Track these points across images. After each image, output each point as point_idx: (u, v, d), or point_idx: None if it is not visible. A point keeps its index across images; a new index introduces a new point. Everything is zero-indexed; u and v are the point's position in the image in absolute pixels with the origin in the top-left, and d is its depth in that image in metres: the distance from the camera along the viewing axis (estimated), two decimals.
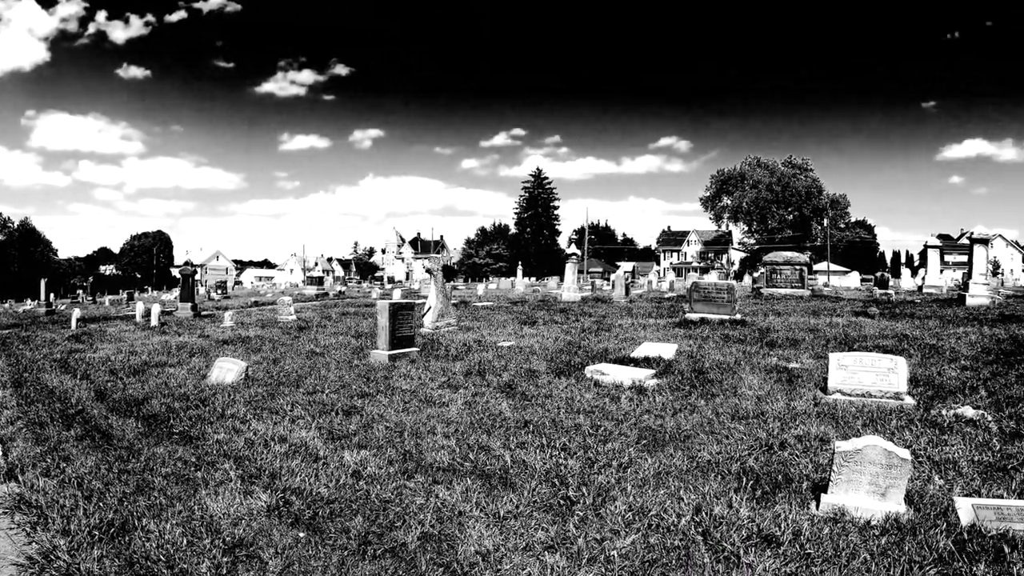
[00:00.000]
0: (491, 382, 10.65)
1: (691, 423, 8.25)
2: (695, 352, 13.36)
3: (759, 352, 13.41)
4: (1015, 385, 10.18)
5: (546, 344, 14.79)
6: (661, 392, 9.80)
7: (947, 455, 6.87)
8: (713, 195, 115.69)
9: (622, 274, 37.08)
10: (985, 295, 27.59)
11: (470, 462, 6.80)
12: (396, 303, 13.61)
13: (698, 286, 20.94)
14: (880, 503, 5.36)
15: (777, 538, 4.94)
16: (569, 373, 11.29)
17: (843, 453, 5.44)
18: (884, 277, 39.48)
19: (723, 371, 11.25)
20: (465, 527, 5.24)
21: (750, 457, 6.90)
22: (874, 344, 14.05)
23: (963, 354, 12.98)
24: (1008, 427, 7.98)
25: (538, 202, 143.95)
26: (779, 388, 10.00)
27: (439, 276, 18.41)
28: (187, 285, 29.97)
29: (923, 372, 11.05)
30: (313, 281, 57.99)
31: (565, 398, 9.52)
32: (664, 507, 5.54)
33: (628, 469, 6.61)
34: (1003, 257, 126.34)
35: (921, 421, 8.13)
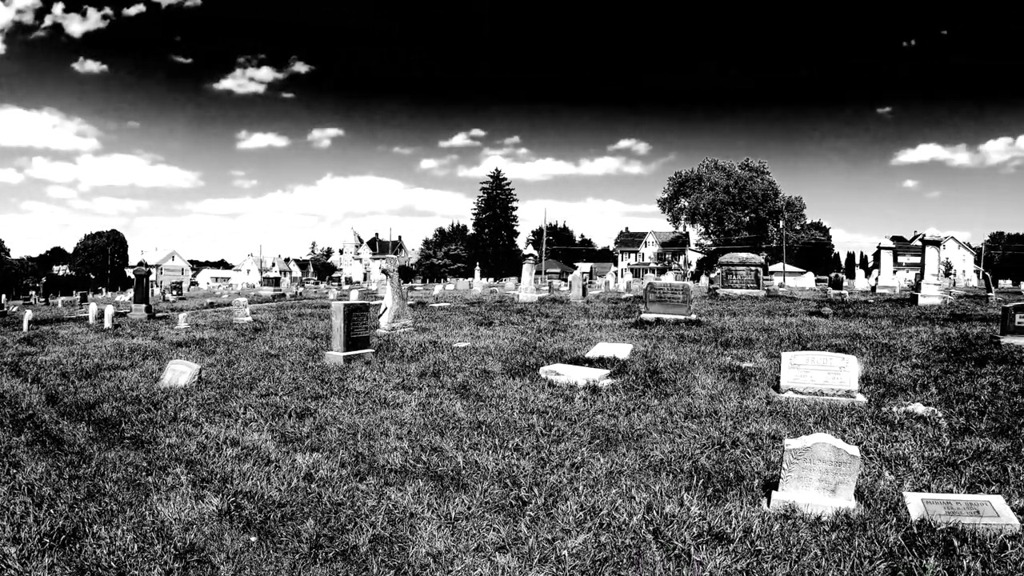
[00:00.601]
0: (446, 383, 10.62)
1: (644, 422, 8.30)
2: (650, 352, 13.45)
3: (713, 352, 13.55)
4: (965, 382, 10.42)
5: (502, 345, 14.79)
6: (615, 392, 9.86)
7: (897, 451, 7.00)
8: (671, 197, 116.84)
9: (579, 275, 37.15)
10: (936, 295, 28.20)
11: (423, 463, 6.78)
12: (350, 304, 13.49)
13: (653, 287, 21.11)
14: (830, 499, 5.43)
15: (728, 535, 4.99)
16: (524, 374, 11.29)
17: (793, 451, 5.50)
18: (838, 278, 40.15)
19: (677, 371, 11.34)
20: (417, 529, 5.23)
21: (702, 455, 6.96)
22: (827, 343, 14.28)
23: (914, 352, 13.25)
24: (958, 423, 8.18)
25: (496, 203, 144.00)
26: (732, 387, 10.11)
27: (395, 277, 18.29)
28: (141, 286, 29.43)
29: (875, 370, 11.25)
30: (270, 282, 57.17)
31: (519, 399, 9.52)
32: (616, 506, 5.57)
33: (581, 469, 6.63)
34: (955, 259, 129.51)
35: (872, 418, 8.29)
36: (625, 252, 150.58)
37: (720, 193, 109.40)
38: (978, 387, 10.05)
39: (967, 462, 6.75)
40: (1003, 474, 6.44)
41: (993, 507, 5.43)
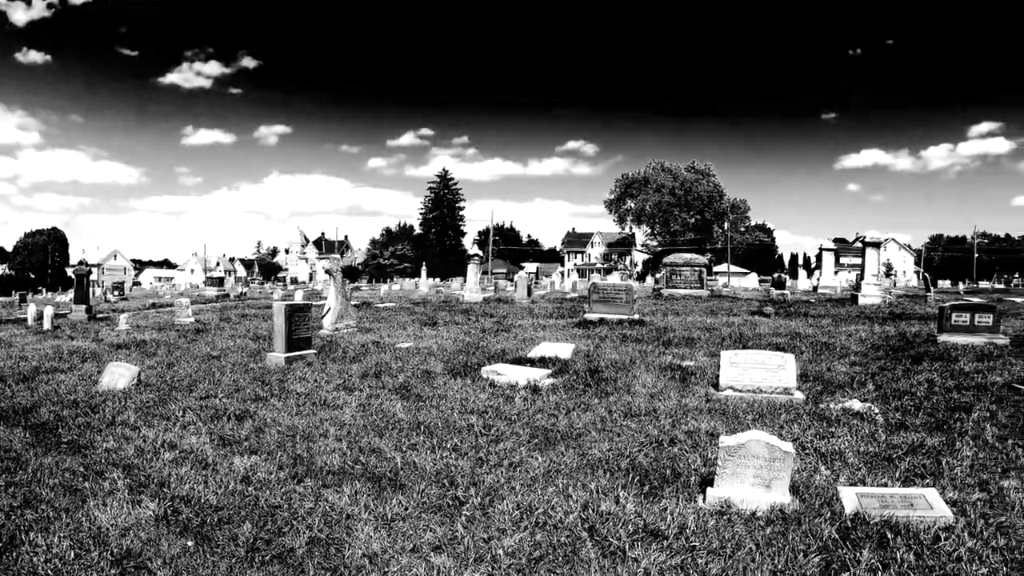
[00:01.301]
0: (387, 384, 10.55)
1: (584, 421, 8.33)
2: (592, 352, 13.50)
3: (655, 351, 13.66)
4: (901, 379, 10.67)
5: (445, 345, 14.74)
6: (556, 391, 9.89)
7: (834, 447, 7.13)
8: (617, 198, 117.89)
9: (524, 275, 37.16)
10: (876, 295, 28.86)
11: (361, 465, 6.74)
12: (292, 304, 13.30)
13: (597, 287, 21.20)
14: (765, 495, 5.48)
15: (663, 532, 5.03)
16: (466, 374, 11.27)
17: (727, 448, 5.56)
18: (781, 278, 40.83)
19: (618, 370, 11.39)
20: (353, 530, 5.19)
21: (640, 454, 7.01)
22: (768, 342, 14.49)
23: (853, 350, 13.52)
24: (894, 419, 8.38)
25: (444, 203, 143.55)
26: (673, 386, 10.20)
27: (338, 277, 18.11)
28: (82, 286, 28.57)
29: (814, 368, 11.45)
30: (214, 282, 56.14)
31: (460, 399, 9.52)
32: (552, 505, 5.59)
33: (519, 468, 6.64)
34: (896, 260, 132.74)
35: (809, 415, 8.44)
36: (572, 252, 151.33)
37: (666, 195, 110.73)
38: (915, 383, 10.31)
39: (902, 456, 6.92)
40: (937, 468, 6.61)
41: (927, 500, 5.54)
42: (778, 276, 42.77)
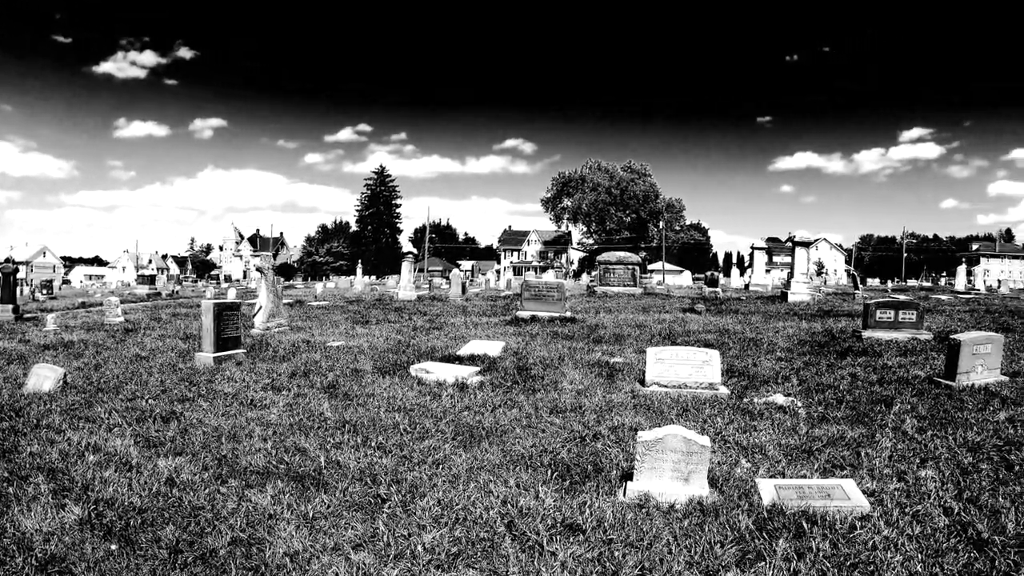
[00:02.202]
0: (315, 383, 10.46)
1: (509, 418, 8.38)
2: (521, 349, 13.54)
3: (585, 348, 13.77)
4: (826, 373, 10.93)
5: (376, 343, 14.64)
6: (483, 389, 9.93)
7: (755, 440, 7.30)
8: (554, 196, 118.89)
9: (458, 273, 37.20)
10: (806, 292, 29.54)
11: (285, 464, 6.69)
12: (220, 303, 13.05)
13: (529, 284, 21.27)
14: (684, 487, 5.56)
15: (581, 526, 5.09)
16: (395, 372, 11.22)
17: (645, 442, 5.64)
18: (714, 276, 41.49)
19: (547, 367, 11.46)
20: (275, 530, 5.17)
21: (563, 449, 7.07)
22: (697, 339, 14.72)
23: (780, 346, 13.82)
24: (817, 412, 8.60)
25: (380, 200, 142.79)
26: (600, 382, 10.29)
27: (270, 275, 17.81)
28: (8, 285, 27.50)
29: (741, 364, 11.67)
30: (145, 280, 54.71)
31: (387, 397, 9.48)
32: (473, 501, 5.62)
33: (442, 465, 6.66)
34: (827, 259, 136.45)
35: (733, 409, 8.62)
36: (508, 250, 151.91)
37: (602, 194, 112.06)
38: (838, 378, 10.59)
39: (822, 449, 7.09)
40: (857, 459, 6.81)
41: (844, 490, 5.68)
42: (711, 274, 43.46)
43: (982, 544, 4.91)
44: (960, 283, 50.93)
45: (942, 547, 4.85)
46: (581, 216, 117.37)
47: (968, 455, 6.95)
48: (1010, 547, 4.85)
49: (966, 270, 55.71)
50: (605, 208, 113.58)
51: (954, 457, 6.89)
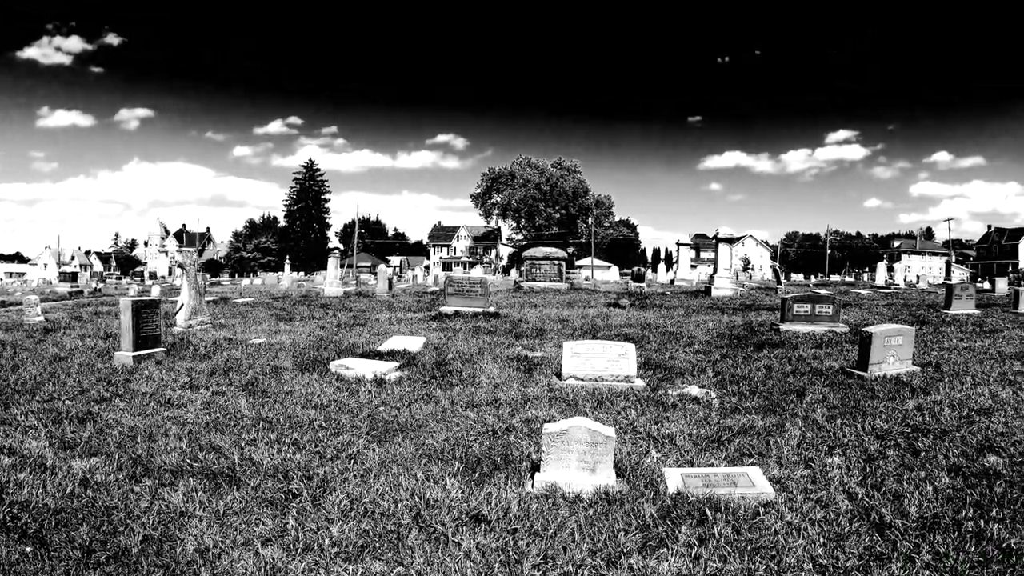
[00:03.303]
0: (234, 381, 10.31)
1: (425, 413, 8.38)
2: (442, 344, 13.51)
3: (505, 343, 13.80)
4: (742, 365, 11.16)
5: (298, 340, 14.44)
6: (401, 384, 9.90)
7: (667, 431, 7.43)
8: (484, 192, 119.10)
9: (385, 269, 36.82)
10: (729, 287, 30.12)
11: (199, 462, 6.63)
12: (139, 300, 12.72)
13: (452, 280, 21.24)
14: (591, 478, 5.62)
15: (487, 516, 5.12)
16: (314, 369, 11.11)
17: (551, 434, 5.71)
18: (640, 272, 42.00)
19: (466, 362, 11.45)
20: (187, 527, 5.14)
21: (475, 442, 7.11)
22: (619, 333, 14.88)
23: (699, 339, 14.06)
24: (730, 403, 8.80)
25: (309, 194, 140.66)
26: (517, 376, 10.34)
27: (191, 271, 17.40)
28: None
29: (659, 357, 11.85)
30: (68, 277, 53.08)
31: (305, 394, 9.41)
32: (382, 494, 5.63)
33: (355, 460, 6.65)
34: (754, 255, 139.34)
35: (647, 401, 8.75)
36: (438, 246, 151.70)
37: (532, 190, 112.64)
38: (753, 369, 10.84)
39: (732, 438, 7.26)
40: (766, 447, 6.99)
41: (750, 478, 5.80)
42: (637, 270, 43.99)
43: (884, 527, 5.07)
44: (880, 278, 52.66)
45: (844, 531, 5.00)
46: (511, 212, 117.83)
47: (876, 442, 7.18)
48: (912, 530, 5.02)
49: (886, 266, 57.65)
50: (535, 204, 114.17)
51: (862, 444, 7.10)
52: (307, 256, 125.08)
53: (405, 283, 52.67)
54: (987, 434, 7.36)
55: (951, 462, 6.56)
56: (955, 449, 6.91)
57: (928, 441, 7.17)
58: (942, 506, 5.49)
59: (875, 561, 4.61)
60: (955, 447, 6.97)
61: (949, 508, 5.45)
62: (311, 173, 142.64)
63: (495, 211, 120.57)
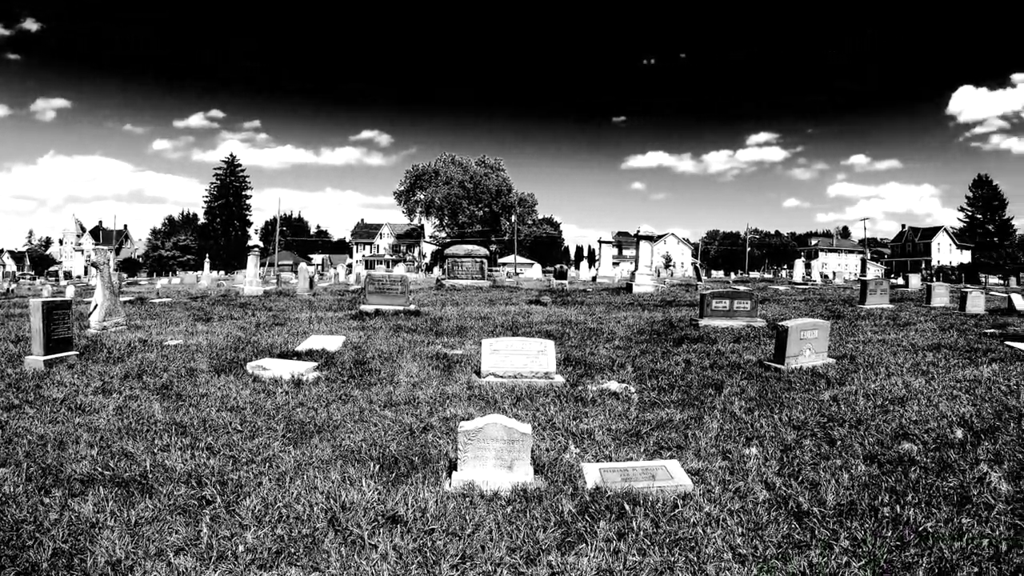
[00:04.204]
0: (148, 384, 9.95)
1: (343, 413, 8.22)
2: (362, 343, 13.33)
3: (426, 340, 13.68)
4: (661, 360, 11.26)
5: (215, 341, 14.06)
6: (319, 384, 9.71)
7: (586, 426, 7.43)
8: (407, 189, 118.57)
9: (305, 267, 36.24)
10: (650, 284, 30.50)
11: (111, 470, 6.36)
12: (50, 302, 12.16)
13: (373, 278, 21.02)
14: (508, 475, 5.58)
15: (403, 517, 5.03)
16: (231, 370, 10.82)
17: (466, 432, 5.65)
18: (562, 269, 42.27)
19: (385, 360, 11.30)
20: (98, 538, 4.92)
21: (393, 442, 6.99)
22: (540, 330, 14.90)
23: (620, 335, 14.15)
24: (649, 397, 8.86)
25: (230, 190, 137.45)
26: (437, 374, 10.24)
27: (106, 270, 16.77)
28: None
29: (579, 353, 11.89)
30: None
31: (221, 396, 9.14)
32: (297, 498, 5.49)
33: (270, 463, 6.48)
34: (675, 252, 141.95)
35: (567, 397, 8.75)
36: (361, 244, 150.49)
37: (456, 187, 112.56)
38: (673, 364, 10.94)
39: (651, 431, 7.31)
40: (684, 440, 7.04)
41: (668, 471, 5.83)
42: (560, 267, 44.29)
43: (802, 516, 5.15)
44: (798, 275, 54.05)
45: (763, 520, 5.05)
46: (434, 210, 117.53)
47: (792, 433, 7.30)
48: (829, 517, 5.11)
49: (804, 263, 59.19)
50: (458, 202, 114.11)
51: (779, 435, 7.21)
52: (227, 254, 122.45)
53: (327, 282, 52.01)
54: (901, 422, 7.57)
55: (867, 450, 6.72)
56: (870, 437, 7.08)
57: (844, 430, 7.33)
58: (859, 493, 5.61)
59: (794, 549, 4.67)
60: (870, 435, 7.14)
61: (866, 495, 5.58)
62: (232, 169, 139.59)
63: (418, 209, 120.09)
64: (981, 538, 4.85)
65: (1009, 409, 8.21)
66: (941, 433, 7.24)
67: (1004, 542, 4.81)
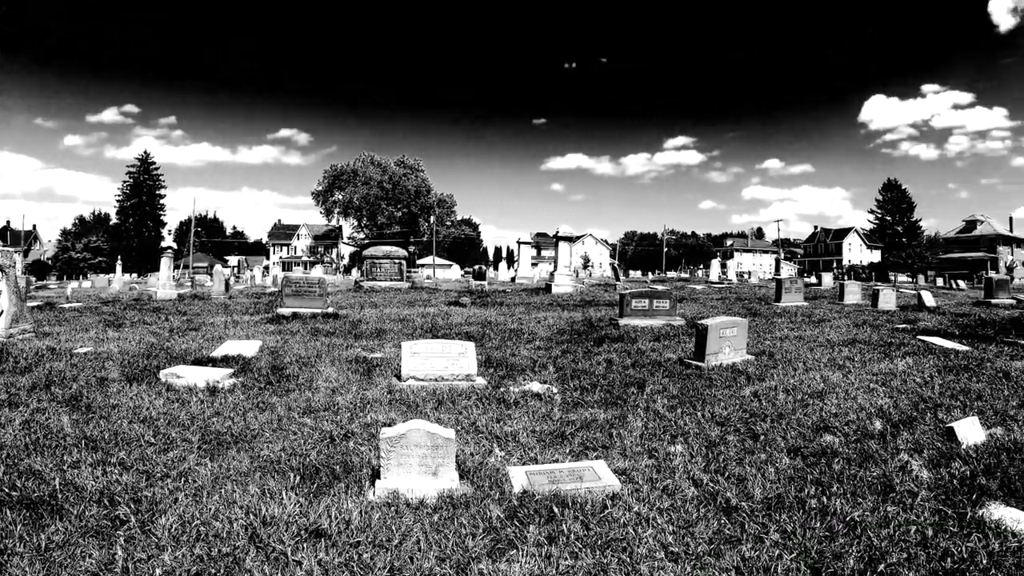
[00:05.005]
0: (57, 395, 9.45)
1: (261, 422, 7.94)
2: (279, 348, 13.01)
3: (344, 344, 13.44)
4: (583, 360, 11.27)
5: (128, 348, 13.53)
6: (235, 392, 9.37)
7: (510, 428, 7.34)
8: (326, 190, 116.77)
9: (221, 269, 35.47)
10: (569, 284, 30.69)
11: (18, 491, 5.95)
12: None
13: (290, 280, 20.62)
14: (434, 482, 5.45)
15: (327, 531, 4.84)
16: (144, 379, 10.38)
17: (388, 439, 5.49)
18: (481, 270, 42.24)
19: (303, 365, 11.03)
20: (6, 567, 4.62)
21: (314, 451, 6.76)
22: (460, 331, 14.79)
23: (540, 336, 14.14)
24: (572, 397, 8.83)
25: (144, 189, 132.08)
26: (356, 379, 10.02)
27: (12, 273, 15.96)
28: None
29: (500, 354, 11.82)
30: None
31: (133, 407, 8.72)
32: (216, 514, 5.24)
33: (186, 478, 6.19)
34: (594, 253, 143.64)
35: (489, 399, 8.66)
36: (278, 245, 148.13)
37: (375, 188, 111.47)
38: (594, 363, 10.96)
39: (576, 432, 7.27)
40: (609, 440, 7.03)
41: (595, 471, 5.78)
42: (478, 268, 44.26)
43: (731, 511, 5.18)
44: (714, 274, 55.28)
45: (693, 517, 5.06)
46: (353, 210, 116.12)
47: (716, 429, 7.37)
48: (758, 511, 5.15)
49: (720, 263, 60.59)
50: (377, 203, 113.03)
51: (703, 432, 7.26)
52: (141, 256, 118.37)
53: (243, 284, 50.94)
54: (821, 415, 7.72)
55: (790, 444, 6.82)
56: (792, 431, 7.19)
57: (766, 425, 7.43)
58: (785, 486, 5.68)
59: (725, 544, 4.68)
60: (792, 429, 7.26)
61: (792, 488, 5.65)
62: (146, 166, 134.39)
63: (337, 209, 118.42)
64: (908, 524, 4.97)
65: (925, 400, 8.46)
66: (861, 425, 7.40)
67: (930, 527, 4.94)
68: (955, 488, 5.75)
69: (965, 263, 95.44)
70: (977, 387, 9.29)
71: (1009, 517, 5.08)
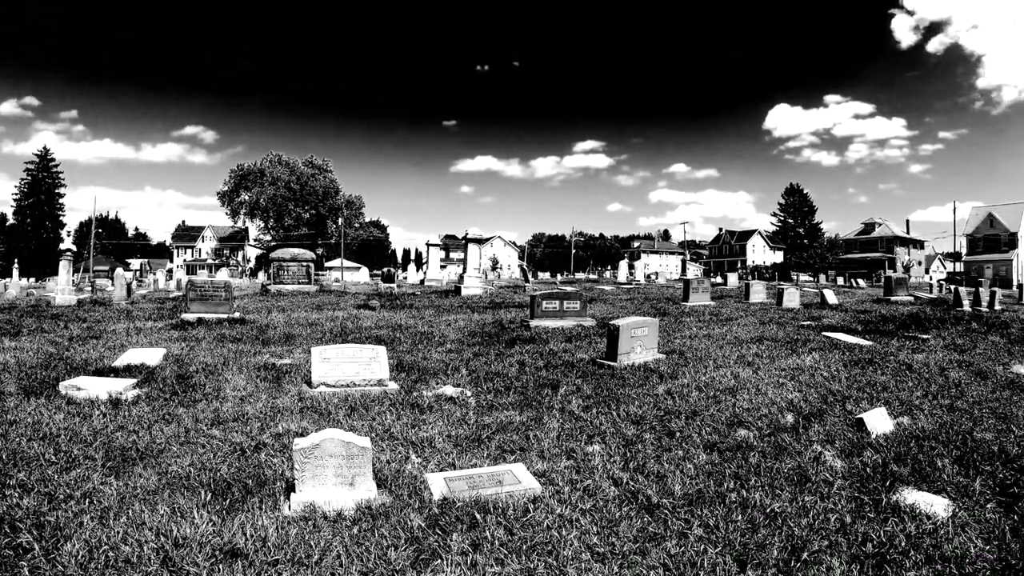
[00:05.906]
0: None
1: (167, 435, 7.59)
2: (184, 356, 12.56)
3: (252, 350, 13.06)
4: (495, 362, 11.23)
5: (23, 359, 12.81)
6: (139, 403, 8.97)
7: (425, 434, 7.22)
8: (231, 190, 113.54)
9: (122, 273, 34.04)
10: (479, 286, 30.66)
11: None
12: None
13: (195, 284, 20.00)
14: (350, 492, 5.30)
15: (243, 550, 4.63)
16: (42, 392, 9.83)
17: (302, 450, 5.31)
18: (390, 272, 41.89)
19: (210, 374, 10.67)
20: None
21: (223, 465, 6.48)
22: (370, 335, 14.58)
23: (451, 338, 14.05)
24: (486, 400, 8.78)
25: (42, 188, 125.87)
26: (266, 387, 9.73)
27: None
28: None
29: (411, 358, 11.67)
30: None
31: (32, 423, 8.21)
32: (124, 538, 4.95)
33: (91, 498, 5.83)
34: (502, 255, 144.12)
35: (403, 404, 8.50)
36: (182, 248, 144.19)
37: (282, 188, 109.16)
38: (507, 365, 10.94)
39: (492, 435, 7.21)
40: (527, 442, 6.98)
41: (515, 474, 5.73)
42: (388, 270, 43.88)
43: (653, 508, 5.21)
44: (623, 275, 56.03)
45: (616, 517, 5.07)
46: (259, 211, 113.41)
47: (632, 428, 7.41)
48: (680, 507, 5.20)
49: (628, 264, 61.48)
50: (284, 203, 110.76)
51: (619, 431, 7.29)
52: (39, 259, 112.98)
53: (146, 288, 49.17)
54: (735, 411, 7.85)
55: (705, 439, 6.91)
56: (707, 427, 7.29)
57: (681, 422, 7.50)
58: (704, 481, 5.76)
59: (650, 542, 4.70)
60: (707, 425, 7.36)
61: (712, 482, 5.74)
62: (45, 163, 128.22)
63: (243, 210, 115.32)
64: (827, 513, 5.10)
65: (833, 393, 8.69)
66: (773, 419, 7.55)
67: (848, 515, 5.07)
68: (869, 476, 5.93)
69: (864, 263, 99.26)
70: (882, 379, 9.61)
71: (923, 501, 5.25)
